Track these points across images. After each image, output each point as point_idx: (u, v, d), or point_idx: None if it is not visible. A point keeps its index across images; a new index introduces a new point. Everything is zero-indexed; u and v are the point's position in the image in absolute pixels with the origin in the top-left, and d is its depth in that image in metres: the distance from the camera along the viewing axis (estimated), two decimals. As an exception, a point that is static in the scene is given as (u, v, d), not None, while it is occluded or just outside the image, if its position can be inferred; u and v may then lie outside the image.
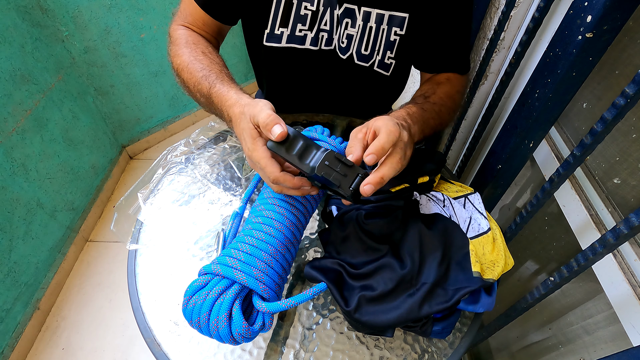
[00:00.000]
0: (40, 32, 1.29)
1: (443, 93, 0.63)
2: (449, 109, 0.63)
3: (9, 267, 1.13)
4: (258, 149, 0.43)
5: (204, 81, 0.55)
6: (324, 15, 0.63)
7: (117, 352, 1.22)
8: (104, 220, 1.60)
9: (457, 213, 0.53)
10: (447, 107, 0.62)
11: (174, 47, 0.63)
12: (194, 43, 0.62)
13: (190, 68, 0.58)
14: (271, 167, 0.42)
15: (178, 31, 0.65)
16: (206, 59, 0.59)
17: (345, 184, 0.40)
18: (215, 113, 0.56)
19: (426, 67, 0.71)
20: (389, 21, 0.63)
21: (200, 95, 0.56)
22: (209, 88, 0.54)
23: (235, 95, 0.50)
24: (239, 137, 0.47)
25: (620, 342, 0.53)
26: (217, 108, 0.53)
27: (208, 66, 0.57)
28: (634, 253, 0.47)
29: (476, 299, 0.46)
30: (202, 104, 0.58)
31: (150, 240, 0.57)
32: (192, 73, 0.57)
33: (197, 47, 0.61)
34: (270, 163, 0.43)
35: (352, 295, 0.44)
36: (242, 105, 0.47)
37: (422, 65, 0.71)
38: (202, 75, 0.56)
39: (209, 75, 0.55)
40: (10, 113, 1.15)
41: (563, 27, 0.51)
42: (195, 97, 0.59)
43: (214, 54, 0.62)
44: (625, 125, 0.50)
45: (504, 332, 0.72)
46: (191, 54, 0.60)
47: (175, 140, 1.95)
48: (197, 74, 0.56)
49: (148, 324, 0.48)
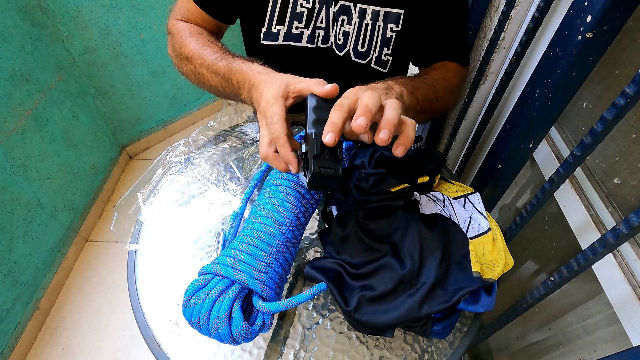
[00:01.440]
0: (40, 32, 1.29)
1: (436, 74, 0.64)
2: (445, 88, 0.62)
3: (9, 267, 1.13)
4: (277, 104, 0.42)
5: (220, 61, 0.54)
6: (320, 13, 0.63)
7: (117, 352, 1.22)
8: (104, 220, 1.60)
9: (457, 213, 0.53)
10: (441, 85, 0.61)
11: (178, 38, 0.62)
12: (198, 33, 0.62)
13: (201, 54, 0.57)
14: (281, 125, 0.41)
15: (178, 24, 0.64)
16: (214, 46, 0.59)
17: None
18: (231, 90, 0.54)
19: (424, 63, 0.71)
20: (384, 18, 0.63)
21: (216, 75, 0.55)
22: (228, 66, 0.53)
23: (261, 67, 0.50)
24: (257, 101, 0.46)
25: (620, 342, 0.53)
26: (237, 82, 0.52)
27: (221, 50, 0.57)
28: (634, 253, 0.47)
29: (476, 299, 0.46)
30: (215, 86, 0.57)
31: (150, 240, 0.57)
32: (205, 57, 0.56)
33: (202, 36, 0.61)
34: (282, 120, 0.42)
35: (352, 295, 0.44)
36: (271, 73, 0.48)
37: (420, 61, 0.72)
38: (217, 57, 0.55)
39: (224, 57, 0.55)
40: (10, 113, 1.15)
41: (563, 27, 0.51)
42: (207, 80, 0.57)
43: (220, 43, 0.61)
44: (625, 125, 0.50)
45: (504, 332, 0.72)
46: (199, 42, 0.59)
47: (175, 140, 1.95)
48: (211, 56, 0.56)
49: (148, 324, 0.48)
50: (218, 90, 0.57)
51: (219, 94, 0.58)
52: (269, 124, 0.42)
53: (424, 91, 0.56)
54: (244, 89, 0.50)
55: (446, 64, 0.68)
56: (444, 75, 0.64)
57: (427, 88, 0.57)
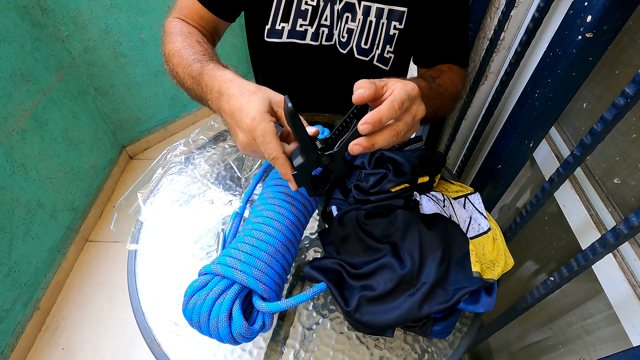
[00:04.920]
0: (40, 32, 1.29)
1: (447, 79, 0.64)
2: (451, 95, 0.63)
3: (9, 267, 1.13)
4: (265, 121, 0.40)
5: (195, 63, 0.52)
6: (325, 10, 0.64)
7: (117, 352, 1.22)
8: (104, 220, 1.60)
9: (457, 213, 0.53)
10: (450, 93, 0.62)
11: (167, 36, 0.61)
12: (188, 32, 0.60)
13: (182, 53, 0.55)
14: (276, 143, 0.40)
15: (172, 23, 0.63)
16: (200, 47, 0.56)
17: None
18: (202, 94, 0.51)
19: (425, 62, 0.72)
20: (388, 15, 0.64)
21: (189, 77, 0.53)
22: (201, 68, 0.50)
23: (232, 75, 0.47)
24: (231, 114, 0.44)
25: (620, 342, 0.53)
26: (206, 86, 0.49)
27: (202, 52, 0.55)
28: (634, 253, 0.47)
29: (476, 299, 0.46)
30: (190, 88, 0.54)
31: (150, 240, 0.57)
32: (183, 57, 0.54)
33: (192, 36, 0.59)
34: (275, 138, 0.40)
35: (352, 295, 0.44)
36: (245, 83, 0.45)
37: (421, 60, 0.72)
38: (194, 58, 0.53)
39: (201, 59, 0.53)
40: (10, 113, 1.15)
41: (563, 27, 0.51)
42: (182, 81, 0.55)
43: (208, 45, 0.59)
44: (625, 125, 0.50)
45: (504, 332, 0.72)
46: (184, 41, 0.57)
47: (175, 140, 1.95)
48: (189, 57, 0.54)
49: (148, 324, 0.48)
50: (191, 93, 0.55)
51: (192, 97, 0.56)
52: (262, 144, 0.41)
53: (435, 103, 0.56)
54: (212, 94, 0.48)
55: (452, 68, 0.68)
56: (453, 81, 0.65)
57: (438, 99, 0.57)
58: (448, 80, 0.63)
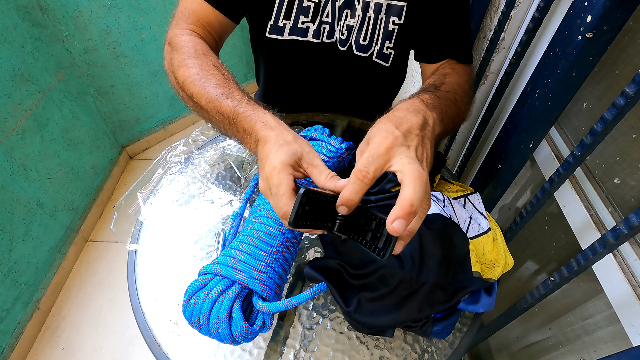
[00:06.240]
0: (40, 32, 1.29)
1: (453, 82, 0.59)
2: (463, 98, 0.58)
3: (9, 267, 1.13)
4: (284, 172, 0.38)
5: (225, 99, 0.49)
6: (326, 7, 0.64)
7: (117, 352, 1.22)
8: (104, 220, 1.60)
9: (457, 213, 0.53)
10: (461, 96, 0.58)
11: (179, 55, 0.57)
12: (203, 54, 0.56)
13: (203, 84, 0.52)
14: (288, 199, 0.37)
15: (181, 37, 0.59)
16: (219, 74, 0.54)
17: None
18: (235, 133, 0.49)
19: (426, 57, 0.70)
20: (387, 10, 0.64)
21: (217, 113, 0.50)
22: (235, 108, 0.48)
23: (273, 121, 0.45)
24: (260, 159, 0.43)
25: (620, 342, 0.53)
26: (244, 130, 0.47)
27: (225, 81, 0.52)
28: (634, 253, 0.47)
29: (476, 299, 0.46)
30: (217, 123, 0.52)
31: (150, 240, 0.57)
32: (207, 90, 0.51)
33: (208, 59, 0.56)
34: (289, 193, 0.38)
35: (352, 295, 0.44)
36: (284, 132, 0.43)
37: (423, 55, 0.70)
38: (221, 92, 0.50)
39: (228, 93, 0.50)
40: (10, 113, 1.15)
41: (563, 27, 0.51)
42: (206, 114, 0.53)
43: (224, 68, 0.56)
44: (625, 125, 0.50)
45: (504, 332, 0.72)
46: (202, 67, 0.54)
47: (175, 140, 1.95)
48: (213, 90, 0.51)
49: (148, 324, 0.48)
50: (219, 127, 0.52)
51: (219, 130, 0.54)
52: (274, 194, 0.38)
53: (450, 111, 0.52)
54: (251, 139, 0.46)
55: (455, 68, 0.65)
56: (460, 83, 0.60)
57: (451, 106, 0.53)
58: (455, 84, 0.59)
